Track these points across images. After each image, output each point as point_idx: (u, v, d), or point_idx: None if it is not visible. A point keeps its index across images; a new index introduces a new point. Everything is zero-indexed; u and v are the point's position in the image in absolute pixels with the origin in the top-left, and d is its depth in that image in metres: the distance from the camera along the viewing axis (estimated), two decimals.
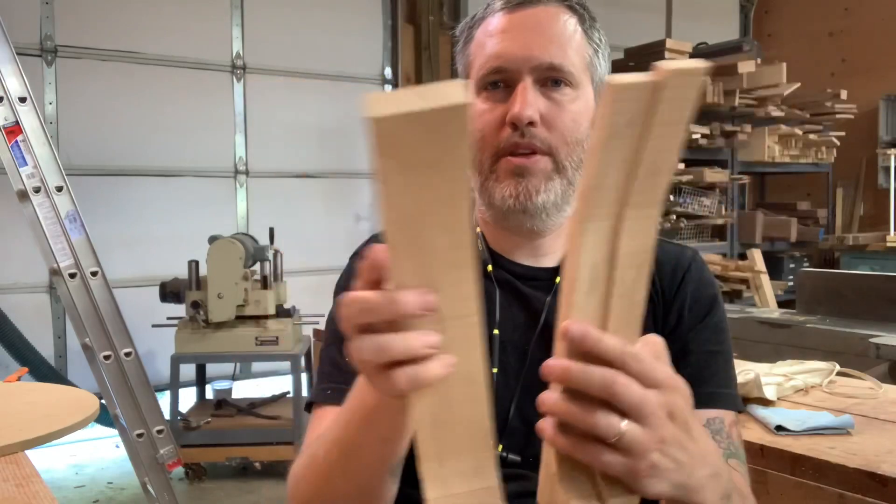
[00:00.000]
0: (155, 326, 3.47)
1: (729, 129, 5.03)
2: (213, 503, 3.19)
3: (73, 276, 2.38)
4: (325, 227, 5.15)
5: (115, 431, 2.92)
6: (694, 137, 4.76)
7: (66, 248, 2.37)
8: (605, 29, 0.92)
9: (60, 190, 2.39)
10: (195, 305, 3.29)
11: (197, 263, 3.37)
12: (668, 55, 4.75)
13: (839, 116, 5.51)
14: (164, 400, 2.97)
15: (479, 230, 0.97)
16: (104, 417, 2.66)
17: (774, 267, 5.49)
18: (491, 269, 0.94)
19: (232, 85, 4.83)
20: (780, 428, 1.36)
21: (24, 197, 2.35)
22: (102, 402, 1.78)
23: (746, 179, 5.68)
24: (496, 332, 0.91)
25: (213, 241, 3.36)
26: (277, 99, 4.97)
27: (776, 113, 5.11)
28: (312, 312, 3.43)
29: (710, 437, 0.84)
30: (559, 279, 0.55)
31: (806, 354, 2.20)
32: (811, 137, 5.46)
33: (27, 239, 2.73)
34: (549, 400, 0.54)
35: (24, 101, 2.37)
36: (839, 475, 1.21)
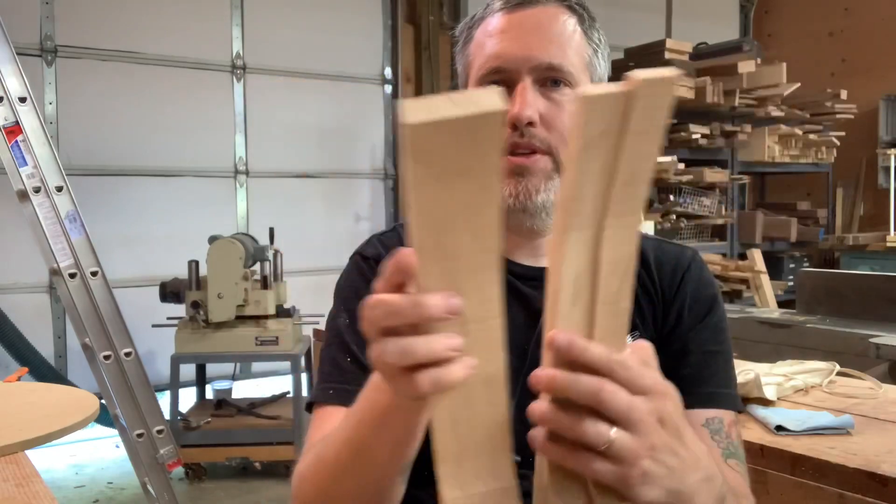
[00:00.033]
0: (155, 326, 3.48)
1: (729, 129, 5.03)
2: (213, 503, 3.19)
3: (73, 276, 2.38)
4: (325, 227, 5.15)
5: (115, 431, 2.92)
6: (694, 137, 4.77)
7: (66, 248, 2.37)
8: (605, 29, 0.92)
9: (60, 190, 2.39)
10: (195, 305, 3.29)
11: (197, 263, 3.37)
12: (668, 55, 4.75)
13: (839, 116, 5.51)
14: (164, 400, 2.97)
15: None
16: (104, 417, 2.66)
17: (774, 267, 5.49)
18: None
19: (232, 85, 4.83)
20: (780, 428, 1.36)
21: (24, 197, 2.35)
22: (102, 402, 1.78)
23: (746, 179, 5.68)
24: None
25: (213, 241, 3.36)
26: (277, 99, 4.97)
27: (776, 113, 5.11)
28: (312, 312, 3.44)
29: (702, 441, 0.84)
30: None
31: (806, 354, 2.20)
32: (811, 137, 5.46)
33: (27, 239, 2.74)
34: (538, 410, 0.54)
35: (24, 101, 2.37)
36: (839, 475, 1.21)
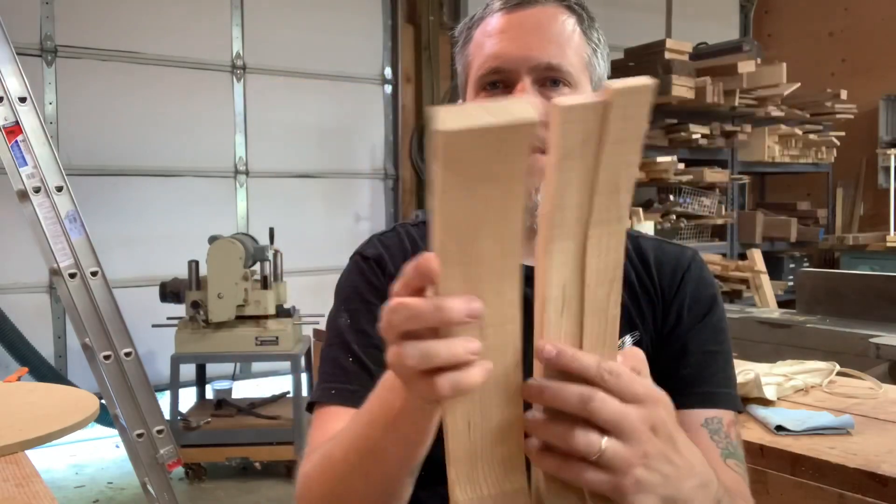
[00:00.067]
0: (155, 326, 3.48)
1: (729, 129, 5.03)
2: (213, 503, 3.19)
3: (73, 276, 2.38)
4: (325, 227, 5.15)
5: (115, 431, 2.92)
6: (694, 137, 4.77)
7: (66, 248, 2.37)
8: (604, 29, 0.92)
9: (60, 190, 2.39)
10: (195, 305, 3.29)
11: (197, 263, 3.37)
12: (668, 55, 4.75)
13: (839, 116, 5.52)
14: (164, 400, 2.97)
15: None
16: (104, 417, 2.66)
17: (774, 267, 5.49)
18: None
19: (232, 85, 4.83)
20: (780, 428, 1.36)
21: (24, 197, 2.35)
22: (102, 402, 1.78)
23: (746, 179, 5.68)
24: None
25: (213, 241, 3.36)
26: (277, 99, 4.97)
27: (776, 113, 5.11)
28: (312, 312, 3.43)
29: (699, 443, 0.83)
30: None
31: (806, 354, 2.20)
32: (811, 137, 5.46)
33: (27, 239, 2.73)
34: (530, 420, 0.54)
35: (24, 101, 2.37)
36: (839, 475, 1.21)
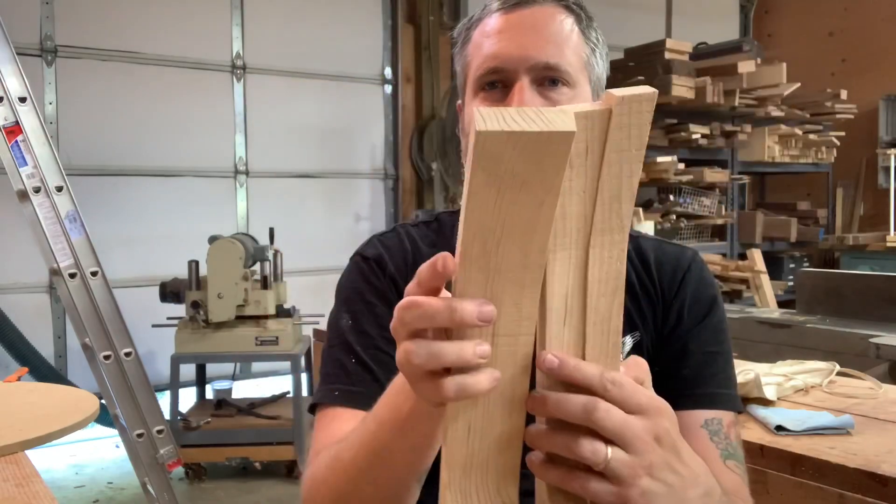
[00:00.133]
0: (155, 326, 3.48)
1: (729, 129, 5.03)
2: (213, 503, 3.19)
3: (73, 276, 2.38)
4: (325, 227, 5.15)
5: (115, 431, 2.91)
6: (694, 137, 4.77)
7: (66, 248, 2.37)
8: (604, 29, 0.92)
9: (60, 190, 2.38)
10: (195, 305, 3.29)
11: (197, 263, 3.37)
12: (668, 55, 4.75)
13: (839, 116, 5.52)
14: (164, 400, 2.97)
15: None
16: (104, 417, 2.66)
17: (774, 267, 5.49)
18: None
19: (232, 85, 4.83)
20: (780, 428, 1.36)
21: (24, 197, 2.34)
22: (102, 402, 1.78)
23: (746, 179, 5.68)
24: None
25: (213, 241, 3.36)
26: (277, 99, 4.97)
27: (776, 113, 5.11)
28: (312, 312, 3.44)
29: (698, 444, 0.83)
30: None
31: (806, 354, 2.20)
32: (811, 137, 5.46)
33: (27, 239, 2.73)
34: (533, 432, 0.54)
35: (24, 101, 2.37)
36: (839, 475, 1.21)
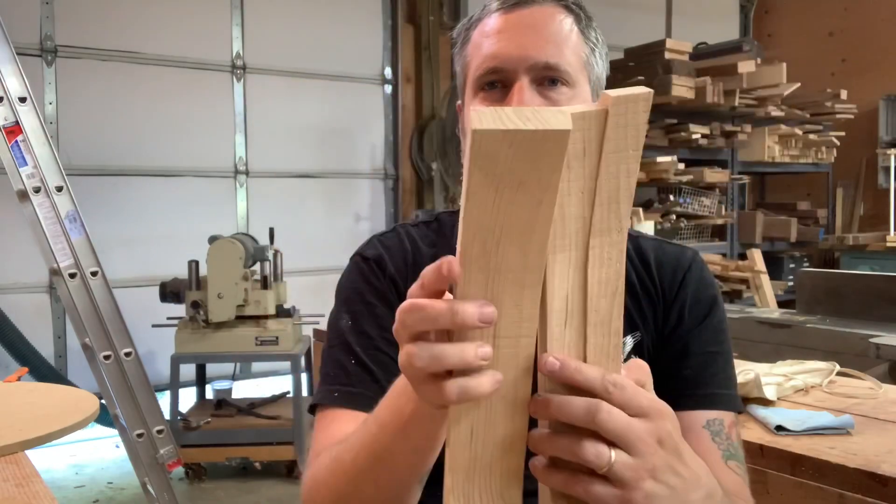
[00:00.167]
0: (155, 326, 3.47)
1: (729, 129, 5.03)
2: (213, 503, 3.19)
3: (73, 276, 2.38)
4: (325, 227, 5.15)
5: (115, 431, 2.91)
6: (694, 137, 4.77)
7: (66, 248, 2.37)
8: (604, 29, 0.92)
9: (60, 190, 2.38)
10: (195, 305, 3.29)
11: (197, 263, 3.37)
12: (668, 55, 4.75)
13: (839, 116, 5.52)
14: (164, 400, 2.97)
15: None
16: (104, 417, 2.66)
17: (774, 267, 5.49)
18: None
19: (232, 85, 4.82)
20: (780, 428, 1.36)
21: (24, 197, 2.34)
22: (102, 402, 1.78)
23: (746, 179, 5.68)
24: None
25: (213, 241, 3.36)
26: (277, 99, 4.97)
27: (776, 113, 5.11)
28: (312, 312, 3.43)
29: (700, 446, 0.83)
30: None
31: (806, 354, 2.20)
32: (811, 137, 5.46)
33: (27, 239, 2.73)
34: (536, 436, 0.54)
35: (24, 101, 2.37)
36: (839, 475, 1.21)
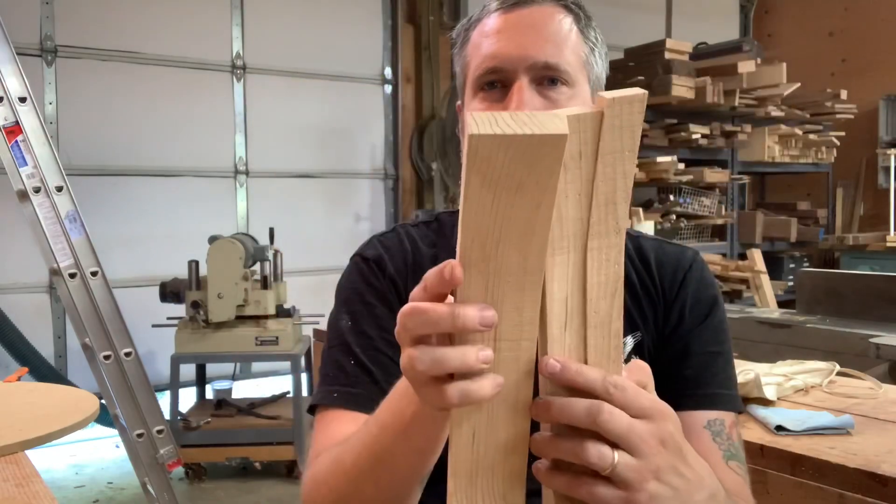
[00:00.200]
0: (155, 326, 3.47)
1: (729, 129, 5.04)
2: (213, 503, 3.19)
3: (73, 276, 2.38)
4: (325, 227, 5.15)
5: (115, 431, 2.91)
6: (694, 137, 4.77)
7: (66, 248, 2.37)
8: (604, 29, 0.92)
9: (60, 190, 2.38)
10: (195, 305, 3.29)
11: (197, 263, 3.37)
12: (668, 55, 4.75)
13: (839, 116, 5.52)
14: (164, 400, 2.97)
15: None
16: (104, 417, 2.66)
17: (774, 267, 5.49)
18: None
19: (232, 85, 4.82)
20: (780, 428, 1.36)
21: (24, 197, 2.34)
22: (102, 402, 1.78)
23: (746, 179, 5.68)
24: None
25: (213, 241, 3.36)
26: (277, 99, 4.97)
27: (776, 113, 5.11)
28: (312, 312, 3.43)
29: (703, 460, 0.83)
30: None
31: (806, 354, 2.20)
32: (811, 137, 5.46)
33: (27, 239, 2.73)
34: (539, 440, 0.54)
35: (24, 101, 2.37)
36: (839, 475, 1.21)
